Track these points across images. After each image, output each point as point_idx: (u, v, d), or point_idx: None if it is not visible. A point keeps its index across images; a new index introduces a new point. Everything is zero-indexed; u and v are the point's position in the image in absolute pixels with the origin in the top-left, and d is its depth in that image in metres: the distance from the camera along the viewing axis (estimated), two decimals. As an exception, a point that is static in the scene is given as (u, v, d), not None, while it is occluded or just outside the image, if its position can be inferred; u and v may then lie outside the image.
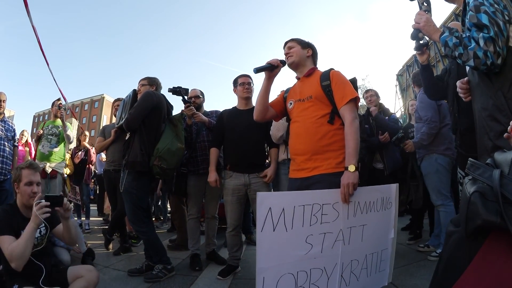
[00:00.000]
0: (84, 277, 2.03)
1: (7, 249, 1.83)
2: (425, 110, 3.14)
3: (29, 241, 1.86)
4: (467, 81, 1.67)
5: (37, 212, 1.85)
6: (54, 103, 4.51)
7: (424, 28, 1.65)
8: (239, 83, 2.92)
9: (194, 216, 3.26)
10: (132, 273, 2.85)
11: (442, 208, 3.00)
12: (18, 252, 1.82)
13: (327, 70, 2.09)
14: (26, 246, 1.85)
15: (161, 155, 2.73)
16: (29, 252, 1.86)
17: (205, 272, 2.98)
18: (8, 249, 1.83)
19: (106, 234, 3.87)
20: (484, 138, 1.51)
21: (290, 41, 2.19)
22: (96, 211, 7.36)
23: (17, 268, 1.82)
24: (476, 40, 1.35)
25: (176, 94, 3.06)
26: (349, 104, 1.92)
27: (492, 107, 1.41)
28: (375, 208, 1.95)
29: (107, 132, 3.99)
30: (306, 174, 1.95)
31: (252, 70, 2.04)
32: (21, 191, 2.05)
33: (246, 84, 2.91)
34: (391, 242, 2.09)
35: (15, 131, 3.93)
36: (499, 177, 0.93)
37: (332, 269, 1.80)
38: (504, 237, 0.91)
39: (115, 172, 3.67)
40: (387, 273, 2.10)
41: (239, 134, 2.77)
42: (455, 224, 1.16)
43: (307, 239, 1.72)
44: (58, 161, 4.42)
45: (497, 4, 1.34)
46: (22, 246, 1.83)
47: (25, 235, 1.87)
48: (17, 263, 1.81)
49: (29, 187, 2.04)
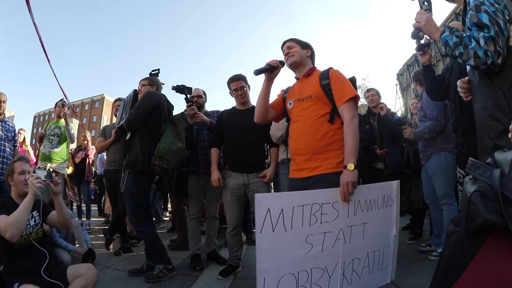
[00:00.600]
0: (84, 275, 2.04)
1: (2, 222, 1.88)
2: (431, 108, 3.12)
3: (25, 209, 1.94)
4: (467, 80, 1.67)
5: (32, 183, 1.98)
6: (57, 103, 4.52)
7: (425, 27, 1.65)
8: (232, 89, 2.92)
9: (195, 216, 3.26)
10: (132, 273, 2.86)
11: (446, 207, 2.98)
12: (13, 219, 1.88)
13: (326, 69, 2.09)
14: (22, 214, 1.92)
15: (162, 155, 2.73)
16: (24, 221, 1.92)
17: (206, 272, 2.98)
18: (3, 221, 1.88)
19: (107, 234, 3.88)
20: (484, 138, 1.51)
21: (289, 40, 2.19)
22: (96, 211, 7.37)
23: (12, 238, 1.85)
24: (476, 40, 1.35)
25: (179, 92, 3.06)
26: (348, 103, 1.92)
27: (492, 106, 1.41)
28: (376, 205, 1.94)
29: (108, 132, 3.99)
30: (307, 174, 1.95)
31: (252, 72, 2.05)
32: (15, 181, 2.15)
33: (239, 89, 2.89)
34: (393, 239, 2.08)
35: (15, 131, 3.94)
36: (499, 177, 0.93)
37: (334, 268, 1.80)
38: (505, 237, 0.91)
39: (115, 172, 3.67)
40: (390, 270, 2.10)
41: (238, 134, 2.77)
42: (455, 223, 1.16)
43: (307, 239, 1.72)
44: (60, 161, 4.41)
45: (497, 4, 1.35)
46: (17, 213, 1.92)
47: (22, 205, 1.97)
48: (12, 231, 1.84)
49: (23, 176, 2.13)
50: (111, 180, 3.82)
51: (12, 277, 1.94)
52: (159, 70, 3.27)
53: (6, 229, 1.85)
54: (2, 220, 1.89)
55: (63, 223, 2.23)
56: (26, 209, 1.95)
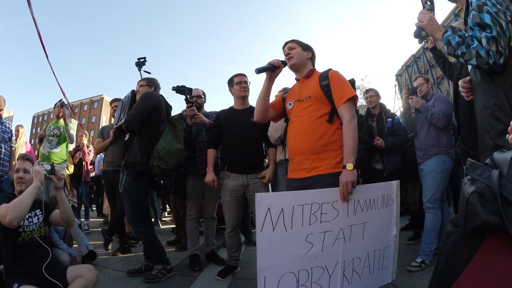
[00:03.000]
0: (84, 276, 2.04)
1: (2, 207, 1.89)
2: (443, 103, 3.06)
3: (28, 194, 1.96)
4: (469, 80, 1.68)
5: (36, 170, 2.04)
6: (56, 104, 4.52)
7: (427, 27, 1.65)
8: (235, 82, 2.89)
9: (194, 217, 3.25)
10: (131, 274, 2.85)
11: (431, 211, 2.91)
12: (14, 202, 1.90)
13: (325, 70, 2.09)
14: (24, 198, 1.93)
15: (160, 156, 2.73)
16: (26, 205, 1.92)
17: (204, 273, 2.98)
18: (4, 207, 1.89)
19: (106, 234, 3.87)
20: (485, 137, 1.51)
21: (291, 41, 2.19)
22: (95, 212, 7.36)
23: (11, 221, 1.84)
24: (478, 39, 1.35)
25: (179, 92, 3.04)
26: (348, 103, 1.93)
27: (493, 106, 1.41)
28: (375, 205, 1.95)
29: (106, 133, 3.98)
30: (305, 174, 1.95)
31: (254, 70, 2.05)
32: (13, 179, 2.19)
33: (243, 82, 2.87)
34: (394, 239, 2.08)
35: (12, 132, 3.93)
36: (498, 177, 0.93)
37: (334, 268, 1.80)
38: (503, 237, 0.91)
39: (114, 172, 3.66)
40: (391, 270, 2.10)
41: (236, 134, 2.75)
42: (454, 224, 1.16)
43: (307, 238, 1.73)
44: (59, 162, 4.39)
45: (499, 5, 1.35)
46: (20, 197, 1.94)
47: (26, 191, 1.99)
48: (12, 214, 1.84)
49: (17, 174, 2.16)
50: (110, 180, 3.80)
51: (11, 278, 1.93)
52: (145, 58, 3.30)
53: (6, 213, 1.85)
54: (3, 206, 1.90)
55: (66, 220, 2.23)
56: (29, 194, 1.97)
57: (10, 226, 1.86)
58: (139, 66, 3.48)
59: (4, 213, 1.85)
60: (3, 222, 1.86)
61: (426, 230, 2.95)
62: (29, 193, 1.97)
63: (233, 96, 2.95)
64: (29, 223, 2.06)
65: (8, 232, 1.94)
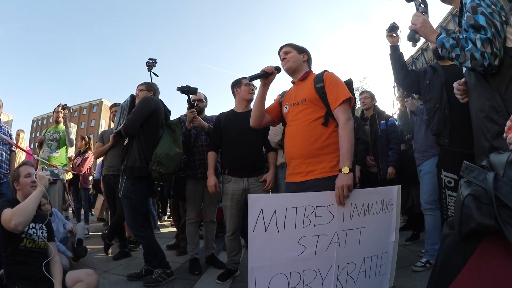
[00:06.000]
0: (85, 281, 2.05)
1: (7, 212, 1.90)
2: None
3: (33, 199, 1.99)
4: (463, 82, 1.67)
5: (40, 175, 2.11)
6: (55, 109, 4.53)
7: (421, 29, 1.66)
8: (243, 83, 2.85)
9: (193, 221, 3.24)
10: (131, 278, 2.85)
11: (430, 212, 2.90)
12: (20, 207, 1.92)
13: (320, 72, 2.08)
14: (30, 203, 1.96)
15: (159, 160, 2.72)
16: (31, 210, 1.95)
17: (204, 276, 2.97)
18: (8, 211, 1.90)
19: (106, 239, 3.85)
20: (481, 139, 1.51)
21: (286, 46, 2.19)
22: (95, 216, 7.34)
23: (16, 226, 1.85)
24: (473, 41, 1.35)
25: (184, 93, 3.02)
26: (343, 105, 1.91)
27: (489, 108, 1.41)
28: (374, 210, 1.91)
29: (106, 137, 3.98)
30: (301, 178, 1.95)
31: (247, 78, 2.04)
32: (21, 184, 2.17)
33: (252, 85, 2.84)
34: (392, 245, 2.04)
35: (11, 136, 3.94)
36: (493, 180, 0.93)
37: (327, 271, 1.78)
38: (499, 239, 0.91)
39: (113, 177, 3.67)
40: (388, 276, 2.06)
41: (236, 137, 2.74)
42: (450, 226, 1.16)
43: (300, 240, 1.72)
44: (58, 166, 4.40)
45: (494, 5, 1.34)
46: (25, 202, 1.96)
47: (31, 195, 2.02)
48: (17, 219, 1.86)
49: (29, 178, 2.17)
50: (110, 185, 3.80)
51: (12, 282, 1.94)
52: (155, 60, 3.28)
53: (11, 217, 1.86)
54: (7, 211, 1.91)
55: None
56: (34, 199, 1.99)
57: (15, 231, 1.88)
58: (149, 67, 3.43)
59: (9, 217, 1.86)
60: (8, 227, 1.86)
61: (428, 231, 2.94)
62: (34, 198, 1.99)
63: (237, 97, 2.92)
64: (32, 233, 2.06)
65: (10, 237, 1.94)
